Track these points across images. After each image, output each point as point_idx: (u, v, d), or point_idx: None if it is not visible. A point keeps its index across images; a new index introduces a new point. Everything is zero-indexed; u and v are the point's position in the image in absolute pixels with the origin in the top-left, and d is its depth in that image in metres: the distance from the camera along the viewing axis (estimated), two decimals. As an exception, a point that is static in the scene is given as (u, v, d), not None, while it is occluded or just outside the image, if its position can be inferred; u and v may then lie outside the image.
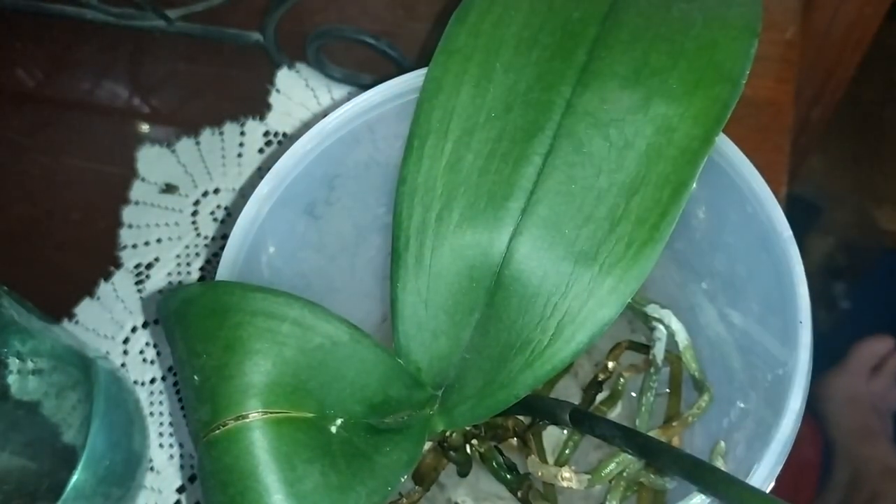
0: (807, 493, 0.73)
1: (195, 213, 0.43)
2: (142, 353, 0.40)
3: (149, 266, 0.42)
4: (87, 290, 0.42)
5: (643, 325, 0.31)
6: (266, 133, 0.45)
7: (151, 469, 0.38)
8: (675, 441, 0.28)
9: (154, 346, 0.40)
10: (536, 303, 0.23)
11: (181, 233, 0.43)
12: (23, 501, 0.30)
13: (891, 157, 1.00)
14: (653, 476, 0.26)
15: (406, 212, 0.24)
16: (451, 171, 0.24)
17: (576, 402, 0.27)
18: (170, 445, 0.38)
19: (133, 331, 0.41)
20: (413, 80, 0.27)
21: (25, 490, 0.30)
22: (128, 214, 0.44)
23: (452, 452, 0.28)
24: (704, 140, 0.22)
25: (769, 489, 0.21)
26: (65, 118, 0.49)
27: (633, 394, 0.31)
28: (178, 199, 0.44)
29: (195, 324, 0.23)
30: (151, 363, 0.40)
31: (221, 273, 0.25)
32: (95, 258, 0.43)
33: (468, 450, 0.28)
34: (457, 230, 0.24)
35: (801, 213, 0.92)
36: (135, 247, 0.43)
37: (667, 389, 0.30)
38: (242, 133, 0.45)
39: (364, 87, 0.42)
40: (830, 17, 0.55)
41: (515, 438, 0.29)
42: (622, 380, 0.30)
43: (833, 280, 0.93)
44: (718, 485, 0.20)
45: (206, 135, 0.45)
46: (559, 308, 0.22)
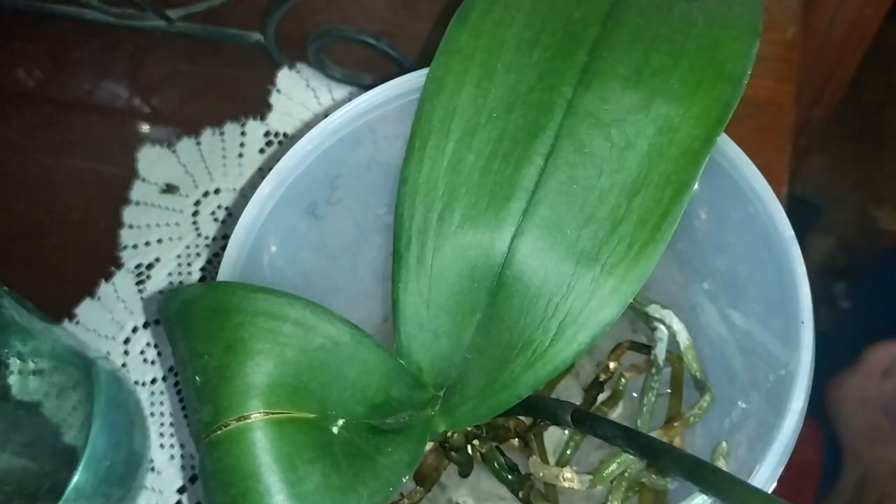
0: (808, 494, 0.73)
1: (196, 214, 0.43)
2: (142, 354, 0.40)
3: (149, 266, 0.42)
4: (88, 291, 0.42)
5: (644, 326, 0.31)
6: (267, 133, 0.45)
7: (152, 469, 0.38)
8: (677, 441, 0.28)
9: (155, 347, 0.40)
10: (538, 303, 0.23)
11: (182, 233, 0.43)
12: (23, 502, 0.30)
13: (891, 158, 1.00)
14: (654, 476, 0.26)
15: (408, 212, 0.24)
16: (453, 172, 0.24)
17: (577, 403, 0.27)
18: (171, 446, 0.38)
19: (134, 331, 0.41)
20: (414, 81, 0.27)
21: (26, 490, 0.30)
22: (128, 215, 0.44)
23: (454, 453, 0.28)
24: (706, 140, 0.22)
25: (771, 490, 0.21)
26: (65, 118, 0.49)
27: (635, 394, 0.31)
28: (179, 200, 0.44)
29: (196, 324, 0.23)
30: (152, 363, 0.40)
31: (223, 273, 0.25)
32: (96, 258, 0.43)
33: (469, 450, 0.28)
34: (458, 230, 0.24)
35: (801, 213, 0.92)
36: (135, 247, 0.43)
37: (668, 390, 0.29)
38: (243, 133, 0.45)
39: (365, 88, 0.42)
40: (830, 18, 0.55)
41: (517, 439, 0.29)
42: (623, 380, 0.30)
43: (833, 280, 0.93)
44: (720, 485, 0.20)
45: (207, 135, 0.45)
46: (561, 308, 0.22)
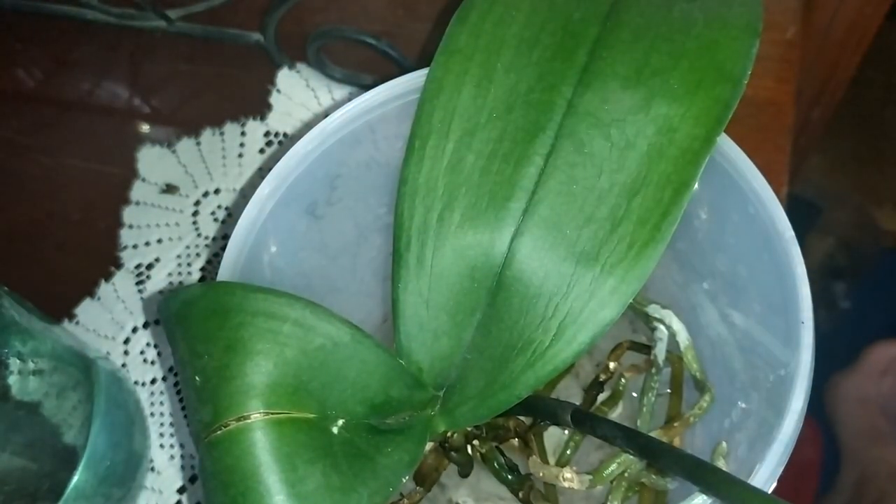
0: (807, 494, 0.73)
1: (196, 214, 0.43)
2: (142, 354, 0.40)
3: (149, 266, 0.42)
4: (88, 291, 0.42)
5: (644, 326, 0.31)
6: (267, 133, 0.45)
7: (152, 469, 0.38)
8: (677, 441, 0.28)
9: (155, 347, 0.40)
10: (538, 303, 0.23)
11: (182, 233, 0.43)
12: (23, 502, 0.30)
13: (891, 158, 1.00)
14: (654, 476, 0.26)
15: (407, 212, 0.24)
16: (453, 172, 0.24)
17: (577, 403, 0.28)
18: (171, 446, 0.38)
19: (134, 331, 0.41)
20: (414, 81, 0.27)
21: (26, 491, 0.30)
22: (128, 215, 0.44)
23: (454, 453, 0.28)
24: (706, 140, 0.22)
25: (771, 490, 0.21)
26: (65, 118, 0.49)
27: (635, 394, 0.31)
28: (179, 200, 0.44)
29: (196, 324, 0.23)
30: (152, 364, 0.40)
31: (223, 273, 0.25)
32: (96, 258, 0.43)
33: (469, 450, 0.28)
34: (458, 230, 0.24)
35: (801, 213, 0.92)
36: (135, 247, 0.43)
37: (668, 390, 0.30)
38: (243, 133, 0.45)
39: (365, 88, 0.42)
40: (830, 17, 0.55)
41: (517, 439, 0.29)
42: (623, 380, 0.30)
43: (833, 280, 0.93)
44: (720, 485, 0.20)
45: (207, 135, 0.45)
46: (561, 308, 0.22)
